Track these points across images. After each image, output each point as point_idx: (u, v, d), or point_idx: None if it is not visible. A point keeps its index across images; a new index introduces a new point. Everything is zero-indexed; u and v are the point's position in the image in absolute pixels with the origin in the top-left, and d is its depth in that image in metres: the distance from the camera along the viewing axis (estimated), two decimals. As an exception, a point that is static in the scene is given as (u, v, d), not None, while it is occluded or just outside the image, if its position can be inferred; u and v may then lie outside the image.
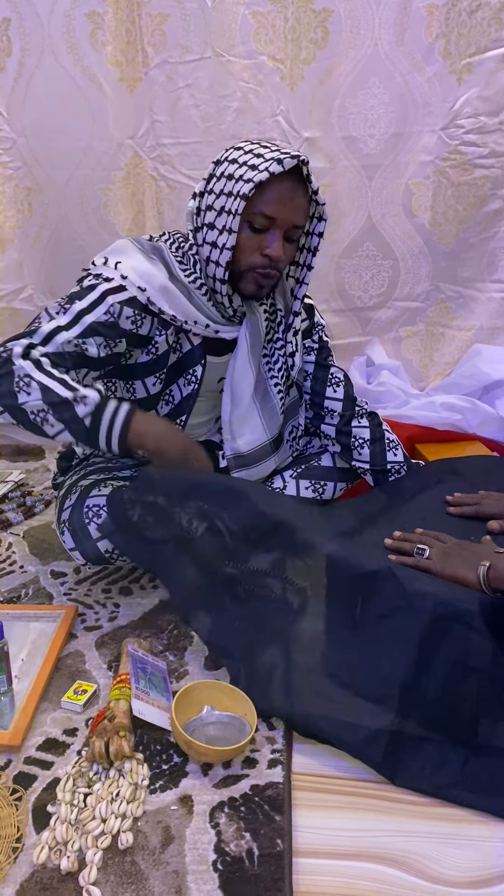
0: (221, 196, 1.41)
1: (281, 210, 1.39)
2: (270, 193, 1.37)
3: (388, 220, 2.15)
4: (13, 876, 1.00)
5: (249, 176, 1.36)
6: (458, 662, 1.12)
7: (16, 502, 2.06)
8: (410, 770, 1.13)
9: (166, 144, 2.08)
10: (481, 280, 2.24)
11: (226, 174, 1.41)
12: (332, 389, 1.69)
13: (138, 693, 1.25)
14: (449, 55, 1.98)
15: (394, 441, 1.70)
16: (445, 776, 1.12)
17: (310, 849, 1.05)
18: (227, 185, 1.39)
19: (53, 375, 1.34)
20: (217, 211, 1.41)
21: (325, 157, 2.07)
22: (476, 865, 1.03)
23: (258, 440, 1.63)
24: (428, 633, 1.14)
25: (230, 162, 1.41)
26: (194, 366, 1.54)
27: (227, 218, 1.39)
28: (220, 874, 1.00)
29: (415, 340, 2.32)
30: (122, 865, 1.01)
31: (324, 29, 1.95)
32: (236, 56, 1.98)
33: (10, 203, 2.17)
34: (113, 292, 1.40)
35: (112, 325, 1.41)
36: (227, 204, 1.39)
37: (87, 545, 1.49)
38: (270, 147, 1.41)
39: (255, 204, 1.37)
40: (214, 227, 1.42)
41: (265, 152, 1.38)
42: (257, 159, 1.37)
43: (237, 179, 1.38)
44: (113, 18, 1.94)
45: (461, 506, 1.46)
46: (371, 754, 1.15)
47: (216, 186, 1.42)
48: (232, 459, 1.62)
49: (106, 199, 2.12)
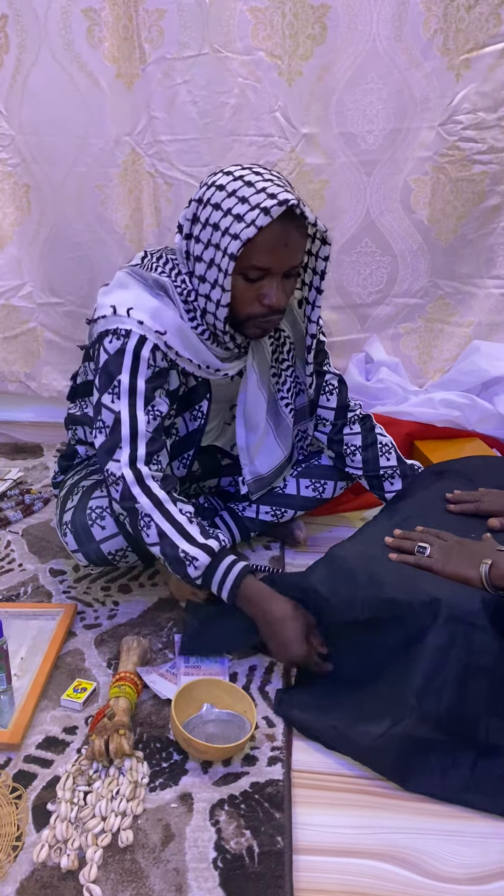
0: (209, 247, 1.31)
1: (274, 260, 1.30)
2: (261, 245, 1.27)
3: (387, 217, 2.14)
4: (13, 874, 1.00)
5: (236, 230, 1.26)
6: (462, 662, 1.12)
7: (14, 500, 2.06)
8: (421, 775, 1.13)
9: (164, 141, 2.07)
10: (480, 276, 2.23)
11: (210, 222, 1.30)
12: (326, 398, 1.68)
13: (188, 671, 1.36)
14: (447, 51, 1.97)
15: (387, 445, 1.70)
16: (456, 779, 1.12)
17: (310, 846, 1.05)
18: (214, 235, 1.29)
19: (171, 517, 1.34)
20: (206, 263, 1.32)
21: (323, 153, 2.07)
22: (476, 862, 1.03)
23: (276, 461, 1.64)
24: (433, 633, 1.14)
25: (214, 207, 1.29)
26: (200, 401, 1.51)
27: (217, 273, 1.30)
28: (220, 872, 1.00)
29: (413, 337, 2.32)
30: (122, 863, 1.01)
31: (321, 25, 1.94)
32: (234, 52, 1.97)
33: (8, 200, 2.17)
34: (140, 346, 1.34)
35: (159, 374, 1.38)
36: (215, 258, 1.30)
37: (91, 547, 1.48)
38: (256, 185, 1.27)
39: (246, 258, 1.28)
40: (206, 280, 1.33)
41: (250, 195, 1.26)
42: (242, 206, 1.26)
43: (223, 232, 1.27)
44: (110, 14, 1.93)
45: (461, 503, 1.46)
46: (380, 760, 1.15)
47: (202, 234, 1.31)
48: (252, 483, 1.63)
49: (104, 196, 2.11)
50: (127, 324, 1.34)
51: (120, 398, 1.34)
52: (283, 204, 1.24)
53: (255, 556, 1.76)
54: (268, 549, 1.80)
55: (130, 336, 1.34)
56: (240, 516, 1.73)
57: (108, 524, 1.47)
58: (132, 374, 1.34)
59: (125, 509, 1.36)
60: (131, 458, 1.34)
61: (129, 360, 1.34)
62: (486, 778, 1.11)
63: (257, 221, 1.24)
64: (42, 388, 2.39)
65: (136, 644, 1.39)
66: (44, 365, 2.37)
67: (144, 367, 1.34)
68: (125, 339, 1.34)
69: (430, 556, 1.26)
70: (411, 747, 1.13)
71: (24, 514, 1.98)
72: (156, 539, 1.34)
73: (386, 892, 0.99)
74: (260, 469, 1.62)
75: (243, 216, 1.25)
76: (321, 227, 1.34)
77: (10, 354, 2.35)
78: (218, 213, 1.29)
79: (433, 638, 1.13)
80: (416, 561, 1.26)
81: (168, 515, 1.34)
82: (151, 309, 1.36)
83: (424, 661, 1.13)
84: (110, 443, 1.35)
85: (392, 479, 1.67)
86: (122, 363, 1.34)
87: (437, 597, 1.15)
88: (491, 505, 1.43)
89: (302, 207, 1.27)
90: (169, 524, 1.34)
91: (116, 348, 1.34)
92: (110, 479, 1.36)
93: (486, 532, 1.34)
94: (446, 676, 1.12)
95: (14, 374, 2.38)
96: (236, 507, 1.74)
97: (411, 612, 1.17)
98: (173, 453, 1.54)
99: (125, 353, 1.34)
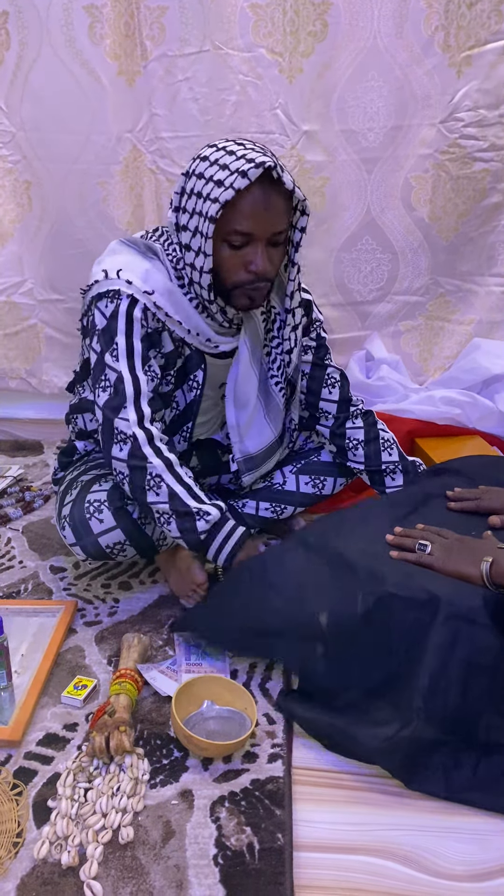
0: (194, 216, 1.34)
1: (256, 224, 1.32)
2: (241, 209, 1.30)
3: (388, 214, 2.14)
4: (14, 871, 1.00)
5: (216, 195, 1.29)
6: (464, 660, 1.12)
7: (15, 497, 2.06)
8: (425, 775, 1.13)
9: (165, 138, 2.07)
10: (480, 274, 2.23)
11: (195, 191, 1.34)
12: (328, 391, 1.68)
13: (189, 668, 1.36)
14: (448, 48, 1.96)
15: (389, 440, 1.70)
16: (459, 779, 1.12)
17: (310, 843, 1.06)
18: (197, 203, 1.33)
19: (181, 479, 1.40)
20: (192, 231, 1.35)
21: (323, 151, 2.06)
22: (476, 859, 1.03)
23: (266, 440, 1.63)
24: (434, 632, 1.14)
25: (197, 177, 1.33)
26: (195, 371, 1.52)
27: (200, 240, 1.33)
28: (220, 868, 1.00)
29: (414, 335, 2.32)
30: (122, 860, 1.01)
31: (322, 21, 1.93)
32: (235, 49, 1.96)
33: (9, 197, 2.17)
34: (132, 307, 1.38)
35: (152, 334, 1.42)
36: (199, 225, 1.33)
37: (88, 540, 1.48)
38: (237, 152, 1.31)
39: (227, 222, 1.31)
40: (190, 248, 1.37)
41: (230, 161, 1.30)
42: (222, 172, 1.29)
43: (205, 198, 1.31)
44: (111, 11, 1.93)
45: (461, 501, 1.46)
46: (387, 761, 1.14)
47: (188, 204, 1.36)
48: (242, 462, 1.63)
49: (105, 193, 2.11)
50: (117, 285, 1.38)
51: (118, 359, 1.39)
52: (260, 166, 1.27)
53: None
54: (267, 545, 1.80)
55: (121, 297, 1.38)
56: (239, 513, 1.73)
57: (106, 517, 1.47)
58: (128, 336, 1.39)
59: (131, 467, 1.38)
60: (139, 417, 1.38)
61: (123, 323, 1.38)
62: (489, 777, 1.11)
63: (235, 184, 1.27)
64: (43, 385, 2.39)
65: (137, 641, 1.39)
66: (44, 362, 2.37)
67: (139, 328, 1.39)
68: (118, 301, 1.38)
69: (431, 553, 1.27)
70: (417, 748, 1.13)
71: (24, 511, 1.98)
72: (165, 499, 1.37)
73: (386, 889, 0.99)
74: (249, 448, 1.62)
75: (223, 181, 1.29)
76: (299, 194, 1.36)
77: (10, 351, 2.35)
78: (201, 181, 1.33)
79: (435, 636, 1.13)
80: (416, 558, 1.27)
81: (178, 477, 1.39)
82: (141, 271, 1.40)
83: (428, 661, 1.13)
84: (116, 401, 1.39)
85: (393, 475, 1.67)
86: (118, 326, 1.38)
87: (437, 594, 1.15)
88: (491, 502, 1.43)
89: (280, 172, 1.30)
90: (180, 485, 1.38)
91: (111, 311, 1.39)
92: (119, 437, 1.39)
93: (487, 530, 1.34)
94: (450, 675, 1.12)
95: (15, 371, 2.38)
96: (236, 504, 1.74)
97: (412, 610, 1.16)
98: (174, 427, 1.56)
99: (118, 315, 1.38)
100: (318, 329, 1.67)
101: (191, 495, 1.39)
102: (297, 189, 1.34)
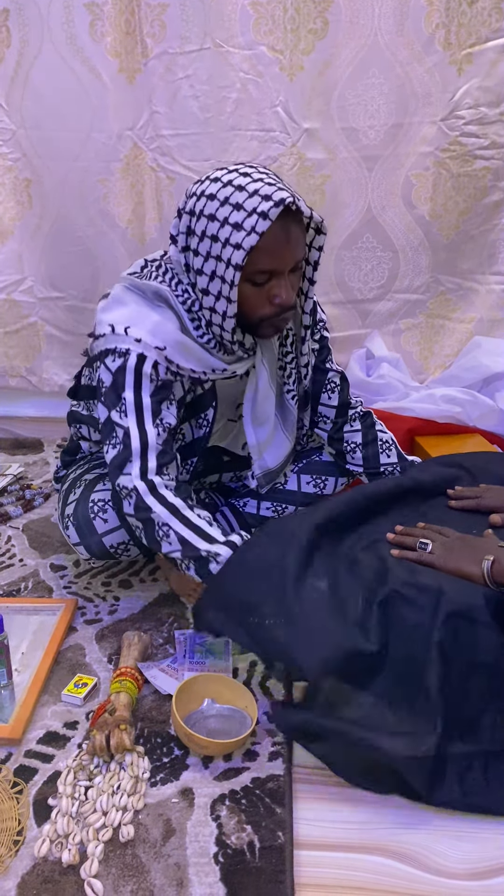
0: (210, 259, 1.28)
1: (279, 260, 1.28)
2: (265, 249, 1.24)
3: (388, 212, 2.14)
4: (15, 869, 1.00)
5: (236, 240, 1.23)
6: (466, 660, 1.11)
7: (15, 496, 2.06)
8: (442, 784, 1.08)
9: (166, 136, 2.07)
10: (481, 272, 2.23)
11: (208, 234, 1.27)
12: (328, 396, 1.67)
13: (192, 666, 1.35)
14: (449, 45, 1.96)
15: (387, 442, 1.70)
16: (472, 784, 1.08)
17: (311, 841, 1.06)
18: (214, 247, 1.27)
19: (189, 522, 1.31)
20: (209, 276, 1.29)
21: (324, 148, 2.06)
22: (476, 857, 1.03)
23: (284, 452, 1.63)
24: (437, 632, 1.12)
25: (208, 218, 1.26)
26: (206, 409, 1.49)
27: (221, 285, 1.28)
28: (221, 866, 1.00)
29: (415, 333, 2.32)
30: (123, 858, 1.01)
31: (323, 19, 1.93)
32: (235, 47, 1.96)
33: (9, 195, 2.17)
34: (141, 363, 1.32)
35: (163, 386, 1.36)
36: (217, 269, 1.27)
37: (93, 540, 1.47)
38: (247, 188, 1.24)
39: (250, 264, 1.26)
40: (209, 292, 1.31)
41: (244, 200, 1.23)
42: (238, 213, 1.23)
43: (223, 243, 1.25)
44: (112, 9, 1.93)
45: (462, 499, 1.46)
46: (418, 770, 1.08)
47: (200, 247, 1.29)
48: (262, 477, 1.63)
49: (105, 191, 2.11)
50: (126, 343, 1.32)
51: (127, 415, 1.32)
52: (280, 204, 1.22)
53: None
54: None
55: (130, 354, 1.32)
56: (241, 512, 1.73)
57: (111, 517, 1.46)
58: (136, 391, 1.32)
59: (140, 520, 1.33)
60: (142, 470, 1.32)
61: (132, 378, 1.32)
62: (497, 779, 1.09)
63: (257, 227, 1.22)
64: (43, 383, 2.39)
65: (137, 639, 1.39)
66: (45, 359, 2.37)
67: (147, 383, 1.33)
68: (126, 358, 1.32)
69: (432, 552, 1.26)
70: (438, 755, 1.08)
71: (24, 510, 1.98)
72: (177, 546, 1.31)
73: (386, 887, 0.99)
74: (269, 463, 1.61)
75: (241, 224, 1.23)
76: (317, 217, 1.32)
77: (10, 349, 2.35)
78: (214, 224, 1.26)
79: (437, 636, 1.12)
80: (417, 557, 1.26)
81: (186, 521, 1.32)
82: (150, 324, 1.34)
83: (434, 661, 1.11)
84: (121, 457, 1.33)
85: (393, 476, 1.67)
86: (125, 381, 1.32)
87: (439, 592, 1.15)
88: (492, 501, 1.43)
89: (297, 202, 1.25)
90: (189, 530, 1.31)
91: (118, 366, 1.32)
92: (123, 493, 1.34)
93: (488, 528, 1.34)
94: (455, 676, 1.10)
95: (15, 369, 2.38)
96: (237, 503, 1.74)
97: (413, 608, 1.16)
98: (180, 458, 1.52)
99: (126, 370, 1.32)
100: (321, 330, 1.64)
101: (202, 537, 1.30)
102: (313, 213, 1.31)
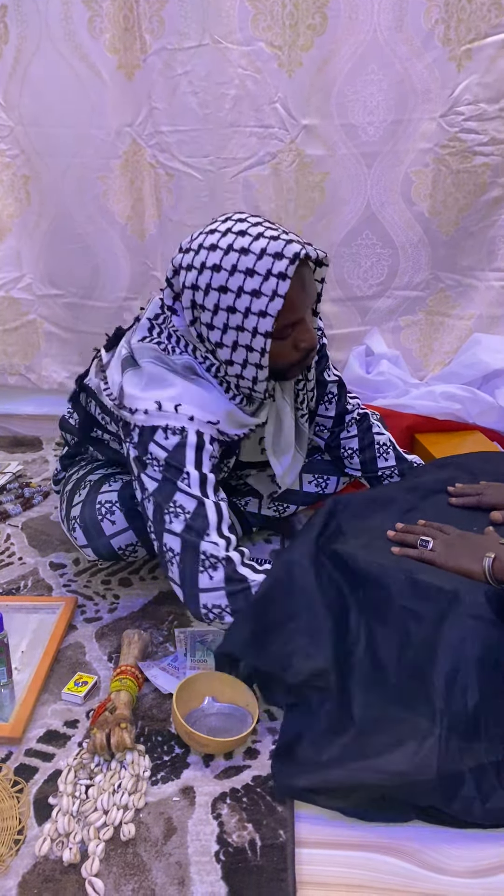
0: (230, 331, 1.25)
1: (301, 309, 1.26)
2: (286, 305, 1.21)
3: (388, 209, 2.14)
4: (15, 868, 1.00)
5: (259, 307, 1.20)
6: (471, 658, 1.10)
7: (14, 494, 2.05)
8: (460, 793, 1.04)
9: (165, 132, 2.06)
10: (481, 269, 2.23)
11: (221, 307, 1.23)
12: (325, 407, 1.67)
13: (194, 665, 1.35)
14: (448, 41, 1.96)
15: (385, 444, 1.70)
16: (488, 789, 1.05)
17: (312, 839, 1.05)
18: (232, 318, 1.23)
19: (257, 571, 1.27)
20: (230, 347, 1.26)
21: (323, 145, 2.06)
22: (477, 855, 1.03)
23: (299, 467, 1.61)
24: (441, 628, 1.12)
25: (220, 291, 1.22)
26: (229, 457, 1.48)
27: (248, 354, 1.25)
28: (222, 865, 1.00)
29: (414, 330, 2.31)
30: (124, 857, 1.01)
31: (322, 15, 1.93)
32: (234, 43, 1.96)
33: (7, 191, 2.16)
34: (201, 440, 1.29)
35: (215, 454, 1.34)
36: (240, 339, 1.24)
37: (101, 542, 1.45)
38: (252, 249, 1.20)
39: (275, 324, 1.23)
40: (234, 362, 1.28)
41: (253, 263, 1.20)
42: (252, 279, 1.20)
43: (244, 314, 1.22)
44: (111, 5, 1.92)
45: (463, 496, 1.46)
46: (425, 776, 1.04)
47: (215, 320, 1.25)
48: (279, 494, 1.66)
49: (105, 188, 2.11)
50: (179, 421, 1.27)
51: (191, 486, 1.27)
52: (295, 260, 1.19)
53: (256, 549, 1.76)
54: (268, 542, 1.80)
55: (188, 432, 1.28)
56: (242, 511, 1.73)
57: (118, 519, 1.44)
58: (198, 465, 1.28)
59: (231, 592, 1.24)
60: (227, 542, 1.27)
61: (193, 455, 1.28)
62: None
63: (279, 290, 1.19)
64: (42, 381, 2.39)
65: (137, 637, 1.39)
66: (44, 357, 2.36)
67: (207, 458, 1.30)
68: (183, 435, 1.27)
69: (433, 549, 1.26)
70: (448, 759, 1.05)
71: (23, 508, 1.98)
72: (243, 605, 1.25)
73: (387, 885, 0.99)
74: (288, 482, 1.57)
75: (260, 290, 1.20)
76: (321, 254, 1.31)
77: (9, 347, 2.35)
78: (228, 295, 1.22)
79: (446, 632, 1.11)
80: (418, 555, 1.26)
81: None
82: (199, 400, 1.31)
83: (441, 662, 1.09)
84: (199, 525, 1.25)
85: (391, 479, 1.68)
86: (185, 457, 1.28)
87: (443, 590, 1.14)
88: (493, 498, 1.43)
89: (306, 249, 1.23)
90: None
91: (175, 444, 1.27)
92: (209, 562, 1.24)
93: (489, 525, 1.34)
94: (463, 673, 1.09)
95: (14, 367, 2.38)
96: (239, 502, 1.73)
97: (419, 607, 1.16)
98: None
99: (186, 447, 1.28)
100: (321, 339, 1.59)
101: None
102: (318, 251, 1.30)
